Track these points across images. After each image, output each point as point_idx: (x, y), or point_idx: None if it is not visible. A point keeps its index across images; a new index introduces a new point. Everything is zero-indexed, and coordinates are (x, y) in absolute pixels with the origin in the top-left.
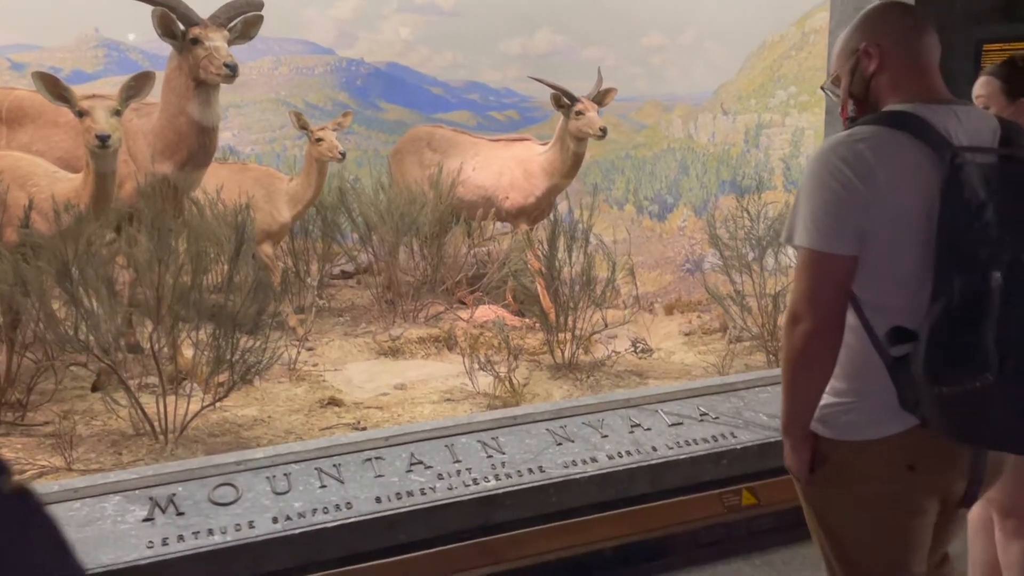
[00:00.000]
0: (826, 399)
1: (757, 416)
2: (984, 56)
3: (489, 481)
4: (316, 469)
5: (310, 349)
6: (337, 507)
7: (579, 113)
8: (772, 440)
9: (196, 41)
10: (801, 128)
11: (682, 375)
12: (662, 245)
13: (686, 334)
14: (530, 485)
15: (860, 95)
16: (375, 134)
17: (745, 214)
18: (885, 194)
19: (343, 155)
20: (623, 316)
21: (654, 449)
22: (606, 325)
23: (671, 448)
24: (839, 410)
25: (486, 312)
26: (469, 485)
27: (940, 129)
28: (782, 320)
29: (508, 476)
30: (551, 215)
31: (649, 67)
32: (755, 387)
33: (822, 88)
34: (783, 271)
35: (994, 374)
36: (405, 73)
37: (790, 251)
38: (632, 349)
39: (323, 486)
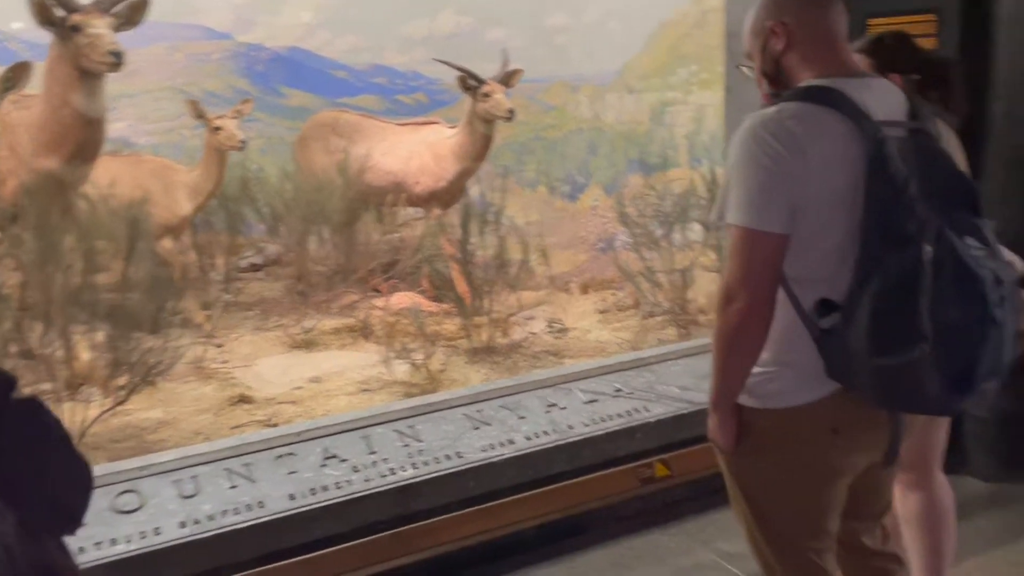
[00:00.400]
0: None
1: (669, 389)
2: (869, 30)
3: (406, 470)
4: (225, 470)
5: (219, 346)
6: (249, 507)
7: (486, 95)
8: (684, 412)
9: (77, 28)
10: (703, 105)
11: (598, 352)
12: (575, 225)
13: (601, 312)
14: (448, 471)
15: (772, 73)
16: (278, 121)
17: (652, 192)
18: (815, 170)
19: (243, 144)
20: (538, 297)
21: (570, 428)
22: (521, 307)
23: (587, 425)
24: (764, 379)
25: (402, 299)
26: (386, 476)
27: (859, 103)
28: (691, 294)
29: (425, 464)
30: (463, 199)
31: (554, 48)
32: (667, 360)
33: (739, 67)
34: (690, 246)
35: (930, 344)
36: (307, 57)
37: (695, 227)
38: (548, 329)
39: (233, 487)
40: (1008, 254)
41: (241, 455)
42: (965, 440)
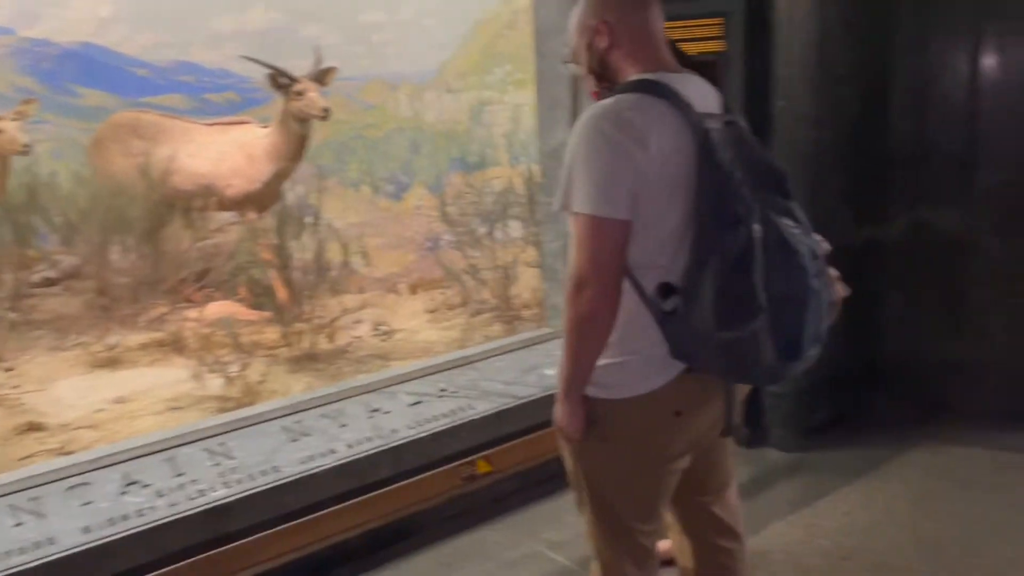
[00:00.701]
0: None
1: (494, 385)
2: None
3: (217, 491)
4: (10, 506)
5: (8, 370)
6: (37, 545)
7: (299, 93)
8: (508, 407)
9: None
10: (520, 105)
11: (425, 353)
12: (401, 225)
13: (431, 311)
14: (264, 488)
15: (598, 70)
16: (72, 122)
17: (471, 191)
18: (654, 158)
19: (28, 148)
20: (363, 300)
21: (394, 432)
22: (344, 311)
23: (411, 428)
24: (608, 370)
25: (217, 309)
26: (195, 498)
27: (683, 96)
28: (515, 290)
29: (239, 482)
30: (280, 201)
31: (371, 45)
32: (491, 356)
33: (565, 63)
34: (512, 243)
35: (766, 315)
36: (102, 54)
37: (513, 224)
38: (374, 333)
39: (19, 524)
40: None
41: (28, 488)
42: (766, 415)
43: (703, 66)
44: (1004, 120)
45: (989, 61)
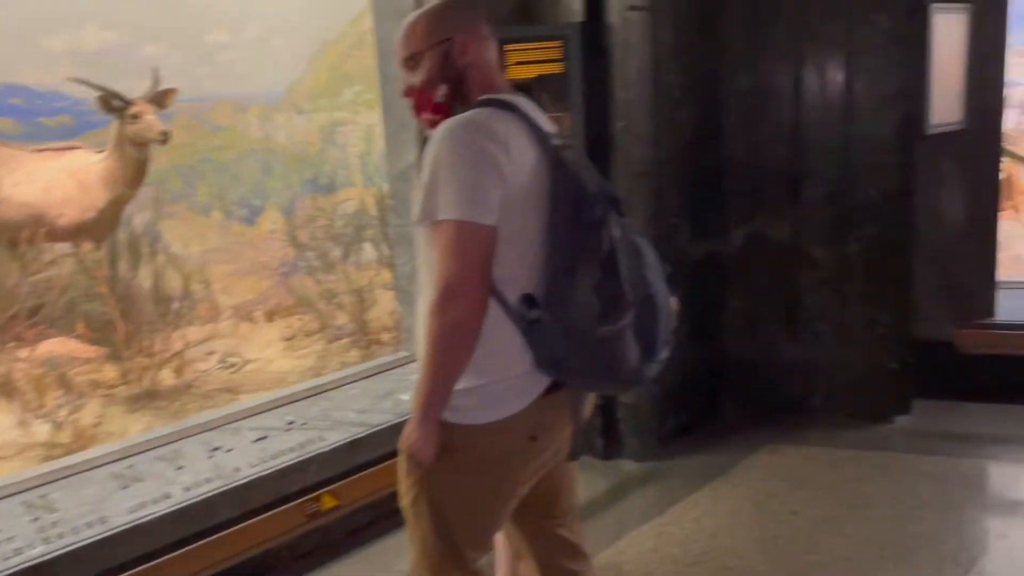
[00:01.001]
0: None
1: (346, 414)
2: (504, 56)
3: (35, 548)
4: None
5: None
6: None
7: (134, 117)
8: (360, 436)
9: None
10: (372, 125)
11: (278, 384)
12: (256, 250)
13: (288, 339)
14: (90, 541)
15: (455, 84)
16: None
17: (321, 214)
18: (516, 170)
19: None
20: (213, 330)
21: (236, 470)
22: (187, 344)
23: (255, 466)
24: (467, 394)
25: (51, 347)
26: (10, 557)
27: (531, 115)
28: (373, 314)
29: (60, 537)
30: (119, 229)
31: (217, 65)
32: (345, 384)
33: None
34: (367, 266)
35: (632, 314)
36: None
37: (367, 247)
38: (221, 365)
39: None
40: None
41: None
42: (619, 427)
43: (521, 89)
44: (823, 136)
45: (810, 81)
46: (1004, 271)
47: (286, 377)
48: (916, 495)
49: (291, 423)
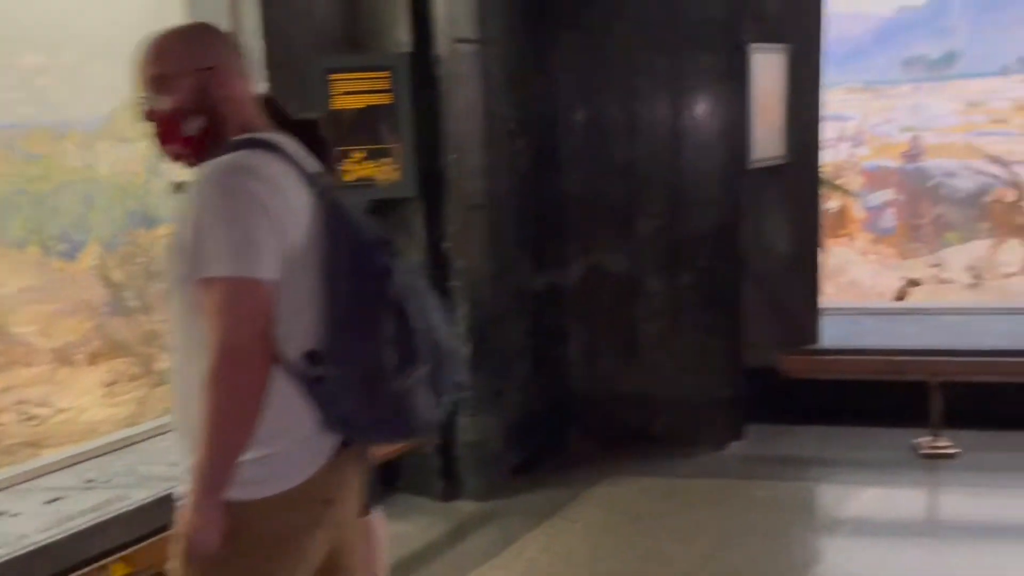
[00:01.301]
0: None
1: (155, 468)
2: (331, 84)
3: None
4: None
5: None
6: None
7: None
8: (170, 493)
9: None
10: None
11: (88, 435)
12: (78, 287)
13: (109, 384)
14: None
15: (209, 115)
16: None
17: (138, 249)
18: (291, 218)
19: None
20: (22, 376)
21: (22, 537)
22: None
23: (44, 531)
24: (252, 465)
25: None
26: None
27: (295, 156)
28: None
29: None
30: None
31: (33, 90)
32: (157, 435)
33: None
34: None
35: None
36: None
37: None
38: (20, 417)
39: None
40: None
41: None
42: (458, 467)
43: (306, 124)
44: (655, 170)
45: (641, 116)
46: (840, 296)
47: (98, 427)
48: (745, 521)
49: (90, 481)
